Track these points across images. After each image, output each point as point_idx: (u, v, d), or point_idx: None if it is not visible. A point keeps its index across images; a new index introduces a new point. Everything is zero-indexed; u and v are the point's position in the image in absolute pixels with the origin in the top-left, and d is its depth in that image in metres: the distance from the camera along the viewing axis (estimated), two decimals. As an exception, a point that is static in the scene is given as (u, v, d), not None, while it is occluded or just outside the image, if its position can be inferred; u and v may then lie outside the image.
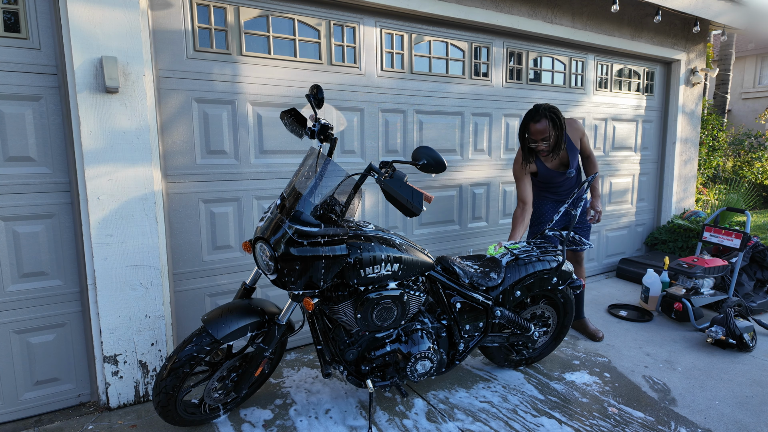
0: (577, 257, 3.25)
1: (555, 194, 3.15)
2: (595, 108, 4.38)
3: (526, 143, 2.88)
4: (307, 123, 2.09)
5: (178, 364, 1.97)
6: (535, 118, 2.75)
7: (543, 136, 2.76)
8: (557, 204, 3.14)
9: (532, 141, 2.82)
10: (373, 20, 3.10)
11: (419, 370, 2.27)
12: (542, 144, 2.79)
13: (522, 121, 2.84)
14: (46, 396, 2.35)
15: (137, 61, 2.25)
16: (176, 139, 2.57)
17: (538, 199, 3.19)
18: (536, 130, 2.76)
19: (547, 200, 3.17)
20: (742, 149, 9.61)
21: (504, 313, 2.49)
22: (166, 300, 2.47)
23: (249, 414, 2.35)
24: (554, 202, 3.15)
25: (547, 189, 3.15)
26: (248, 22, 2.70)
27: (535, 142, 2.80)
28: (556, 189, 3.12)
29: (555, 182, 3.07)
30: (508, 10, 3.53)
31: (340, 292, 2.10)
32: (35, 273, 2.26)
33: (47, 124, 2.20)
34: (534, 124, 2.75)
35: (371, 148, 3.22)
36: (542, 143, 2.79)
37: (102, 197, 2.23)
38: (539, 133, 2.76)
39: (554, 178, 3.03)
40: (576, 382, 2.70)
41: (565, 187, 3.12)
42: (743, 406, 2.46)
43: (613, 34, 4.21)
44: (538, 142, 2.79)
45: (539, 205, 3.18)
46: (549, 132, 2.75)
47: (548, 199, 3.16)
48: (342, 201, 2.05)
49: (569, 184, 3.12)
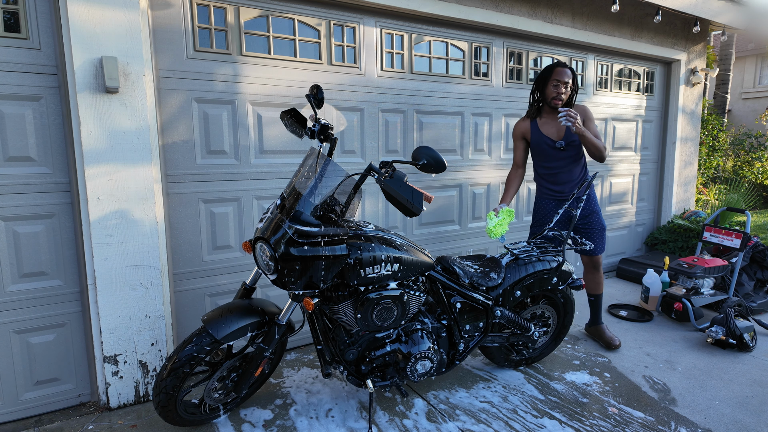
0: (593, 262, 3.11)
1: (547, 173, 3.00)
2: (596, 108, 4.38)
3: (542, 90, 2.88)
4: (307, 123, 2.09)
5: (178, 364, 1.97)
6: (562, 65, 2.81)
7: (566, 80, 2.78)
8: (558, 204, 3.04)
9: (555, 82, 2.80)
10: (373, 20, 3.10)
11: (419, 370, 2.27)
12: (563, 87, 2.79)
13: (544, 69, 2.86)
14: (46, 396, 2.35)
15: (137, 61, 2.25)
16: (176, 139, 2.57)
17: (540, 198, 3.10)
18: (563, 72, 2.78)
19: (547, 199, 3.07)
20: (742, 149, 9.61)
21: (504, 313, 2.49)
22: (166, 300, 2.47)
23: (249, 414, 2.35)
24: (555, 201, 3.04)
25: (538, 162, 3.04)
26: (248, 22, 2.70)
27: (558, 83, 2.79)
28: (546, 163, 2.99)
29: (545, 153, 2.96)
30: (508, 10, 3.53)
31: (340, 292, 2.10)
32: (35, 273, 2.26)
33: (47, 124, 2.20)
34: (561, 68, 2.79)
35: (371, 148, 3.22)
36: (563, 86, 2.79)
37: (102, 197, 2.23)
38: (564, 75, 2.78)
39: (545, 146, 2.93)
40: (576, 382, 2.70)
41: (555, 162, 2.96)
42: (743, 406, 2.46)
43: (613, 34, 4.21)
44: (560, 84, 2.79)
45: (541, 205, 3.10)
46: (570, 81, 2.81)
47: (548, 197, 3.06)
48: (342, 201, 2.06)
49: (559, 161, 2.96)
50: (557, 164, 2.96)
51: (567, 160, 2.96)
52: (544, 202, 3.09)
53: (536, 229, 3.14)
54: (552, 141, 2.91)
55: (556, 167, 2.97)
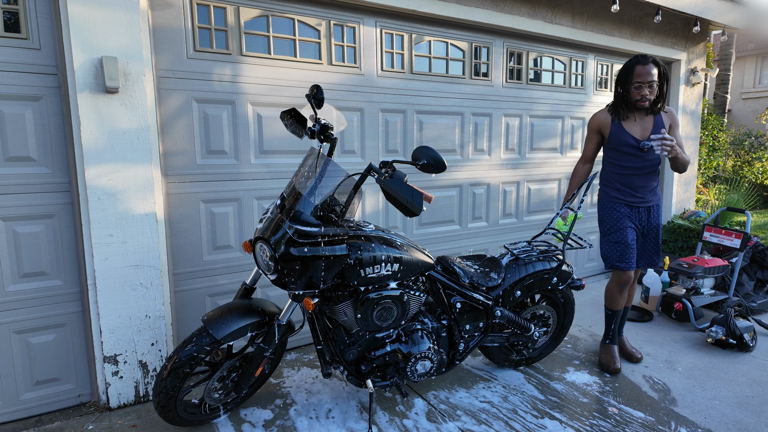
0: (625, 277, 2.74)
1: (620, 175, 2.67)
2: (596, 108, 4.38)
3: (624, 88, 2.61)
4: (307, 123, 2.09)
5: (178, 364, 1.97)
6: (643, 61, 2.53)
7: (650, 79, 2.51)
8: (631, 209, 2.70)
9: (637, 83, 2.54)
10: (373, 20, 3.10)
11: (419, 370, 2.26)
12: (646, 88, 2.53)
13: (624, 67, 2.60)
14: (46, 396, 2.35)
15: (137, 61, 2.25)
16: (176, 139, 2.57)
17: (607, 202, 2.76)
18: (645, 72, 2.51)
19: (617, 202, 2.72)
20: (743, 149, 9.62)
21: (504, 313, 2.49)
22: (166, 300, 2.47)
23: (249, 414, 2.35)
24: (628, 207, 2.69)
25: (612, 161, 2.71)
26: (248, 22, 2.70)
27: (640, 84, 2.53)
28: (623, 163, 2.65)
29: (624, 153, 2.63)
30: (508, 10, 3.53)
31: (340, 292, 2.10)
32: (35, 273, 2.26)
33: (47, 124, 2.20)
34: (642, 66, 2.52)
35: (371, 148, 3.22)
36: (646, 87, 2.53)
37: (102, 197, 2.23)
38: (647, 75, 2.51)
39: (625, 146, 2.61)
40: (576, 382, 2.69)
41: (633, 164, 2.63)
42: (743, 406, 2.46)
43: (613, 34, 4.21)
44: (643, 85, 2.52)
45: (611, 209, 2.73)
46: (655, 78, 2.53)
47: (617, 201, 2.72)
48: (342, 201, 2.05)
49: (638, 163, 2.63)
50: (635, 166, 2.64)
51: (648, 163, 2.63)
52: (614, 205, 2.72)
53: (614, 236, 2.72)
54: (636, 141, 2.61)
55: (633, 169, 2.65)
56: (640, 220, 2.73)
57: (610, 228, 2.73)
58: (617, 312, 2.85)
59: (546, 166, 4.16)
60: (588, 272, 4.69)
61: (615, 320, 2.87)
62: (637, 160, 2.63)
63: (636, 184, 2.68)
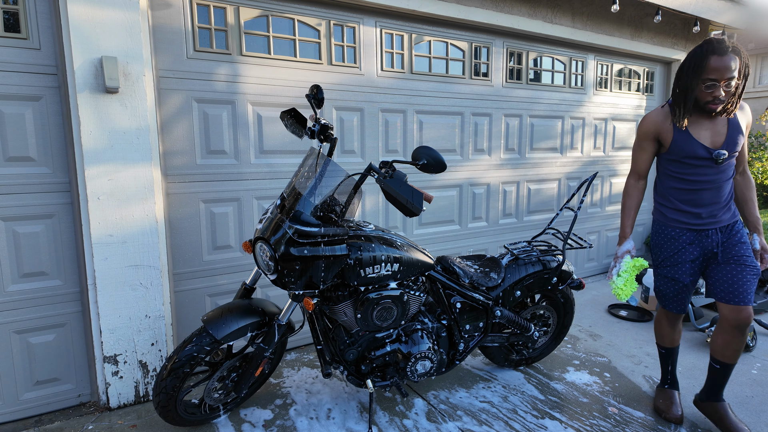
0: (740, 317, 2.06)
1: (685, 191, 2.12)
2: (596, 108, 4.38)
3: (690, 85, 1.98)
4: (307, 123, 2.09)
5: (178, 364, 1.97)
6: (720, 50, 1.88)
7: (728, 75, 1.88)
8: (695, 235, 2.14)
9: (710, 81, 1.92)
10: (373, 20, 3.10)
11: (419, 370, 2.27)
12: (722, 88, 1.92)
13: (693, 57, 1.95)
14: (46, 396, 2.35)
15: (137, 61, 2.25)
16: (176, 139, 2.57)
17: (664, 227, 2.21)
18: (722, 66, 1.88)
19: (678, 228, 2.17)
20: (742, 149, 9.61)
21: (504, 313, 2.49)
22: (166, 300, 2.47)
23: (249, 414, 2.35)
24: (691, 232, 2.14)
25: (674, 174, 2.14)
26: (248, 22, 2.70)
27: (714, 82, 1.91)
28: (690, 176, 2.09)
29: (690, 164, 2.07)
30: (508, 10, 3.53)
31: (340, 292, 2.10)
32: (35, 273, 2.26)
33: (47, 124, 2.20)
34: (719, 57, 1.89)
35: (371, 148, 3.22)
36: (722, 86, 1.91)
37: (102, 197, 2.23)
38: (725, 71, 1.88)
39: (693, 158, 2.05)
40: (576, 382, 2.69)
41: (703, 177, 2.07)
42: (743, 406, 2.46)
43: (613, 34, 4.21)
44: (718, 84, 1.91)
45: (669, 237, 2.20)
46: (734, 74, 1.90)
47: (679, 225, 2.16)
48: (342, 201, 2.05)
49: (709, 176, 2.06)
50: (706, 179, 2.08)
51: (721, 174, 2.07)
52: (673, 232, 2.18)
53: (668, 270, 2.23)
54: (707, 151, 2.03)
55: (701, 183, 2.09)
56: (712, 245, 2.13)
57: (664, 259, 2.23)
58: (672, 350, 2.38)
59: (546, 166, 4.16)
60: (588, 272, 4.69)
61: (671, 359, 2.39)
62: (707, 172, 2.06)
63: (704, 201, 2.10)
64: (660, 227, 2.24)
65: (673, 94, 2.07)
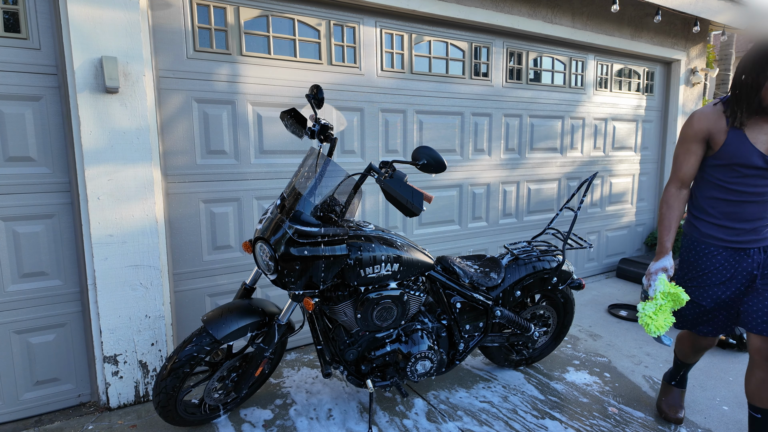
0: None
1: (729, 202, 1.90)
2: (595, 108, 4.38)
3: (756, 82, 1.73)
4: (307, 123, 2.09)
5: (178, 364, 1.97)
6: None
7: None
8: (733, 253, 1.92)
9: None
10: (373, 20, 3.10)
11: (419, 370, 2.27)
12: None
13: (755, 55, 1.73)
14: (46, 396, 2.35)
15: (137, 61, 2.25)
16: (176, 139, 2.57)
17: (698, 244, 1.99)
18: None
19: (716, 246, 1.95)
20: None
21: (504, 313, 2.49)
22: (166, 300, 2.47)
23: (249, 414, 2.35)
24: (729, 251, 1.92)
25: (720, 182, 1.90)
26: (248, 22, 2.70)
27: None
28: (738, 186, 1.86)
29: (741, 172, 1.84)
30: (508, 10, 3.53)
31: (340, 292, 2.10)
32: (35, 273, 2.26)
33: (47, 124, 2.20)
34: None
35: (371, 148, 3.22)
36: None
37: (102, 197, 2.23)
38: None
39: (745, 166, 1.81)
40: (576, 382, 2.69)
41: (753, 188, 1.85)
42: (743, 406, 2.46)
43: (613, 34, 4.21)
44: None
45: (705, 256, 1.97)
46: None
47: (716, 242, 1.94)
48: (342, 201, 2.05)
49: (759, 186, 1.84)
50: (755, 191, 1.85)
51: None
52: (707, 249, 1.96)
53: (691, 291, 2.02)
54: (764, 157, 1.79)
55: (748, 195, 1.86)
56: (752, 265, 1.91)
57: (690, 279, 2.02)
58: (688, 365, 2.29)
59: (546, 166, 4.16)
60: (588, 272, 4.69)
61: (686, 368, 2.31)
62: (757, 183, 1.84)
63: (748, 216, 1.88)
64: (692, 243, 2.01)
65: (734, 90, 1.82)
